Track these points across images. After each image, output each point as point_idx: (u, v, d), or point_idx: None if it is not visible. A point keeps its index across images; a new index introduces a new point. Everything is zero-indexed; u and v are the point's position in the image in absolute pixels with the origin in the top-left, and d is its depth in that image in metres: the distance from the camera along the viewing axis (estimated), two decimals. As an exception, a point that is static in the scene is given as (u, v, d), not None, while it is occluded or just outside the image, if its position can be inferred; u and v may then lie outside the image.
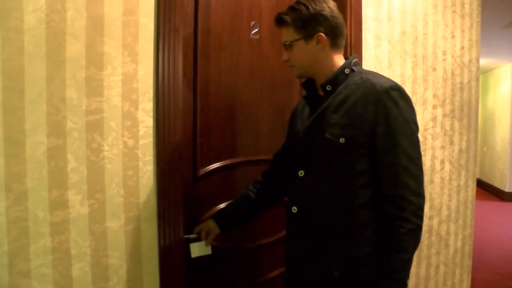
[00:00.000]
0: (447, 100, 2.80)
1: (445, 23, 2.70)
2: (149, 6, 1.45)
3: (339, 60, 1.35)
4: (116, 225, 1.40)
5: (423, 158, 2.63)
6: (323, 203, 1.28)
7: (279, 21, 1.35)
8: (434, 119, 2.72)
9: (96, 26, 1.34)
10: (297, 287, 1.37)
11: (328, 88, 1.33)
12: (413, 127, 1.26)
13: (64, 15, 1.28)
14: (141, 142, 1.45)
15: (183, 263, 1.54)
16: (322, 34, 1.30)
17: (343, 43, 1.38)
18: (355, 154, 1.25)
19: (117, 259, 1.40)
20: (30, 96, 1.22)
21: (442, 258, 2.87)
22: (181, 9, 1.51)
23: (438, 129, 2.76)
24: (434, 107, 2.71)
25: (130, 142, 1.43)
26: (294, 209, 1.34)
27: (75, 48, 1.30)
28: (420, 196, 1.26)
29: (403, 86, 2.46)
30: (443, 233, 2.86)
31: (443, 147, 2.80)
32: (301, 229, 1.33)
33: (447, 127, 2.82)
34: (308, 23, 1.30)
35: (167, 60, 1.46)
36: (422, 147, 2.62)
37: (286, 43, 1.34)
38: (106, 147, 1.37)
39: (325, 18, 1.30)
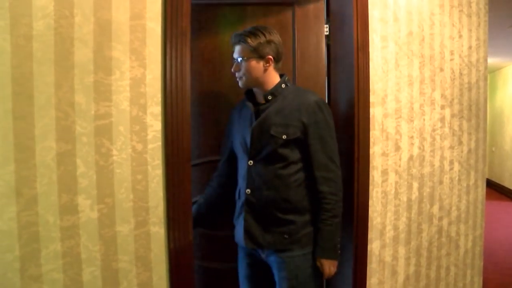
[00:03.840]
0: (455, 100, 2.78)
1: (452, 23, 2.68)
2: (156, 10, 1.45)
3: (276, 78, 1.81)
4: (125, 230, 1.40)
5: (431, 159, 2.62)
6: (270, 183, 1.72)
7: (240, 40, 1.74)
8: (442, 119, 2.70)
9: (103, 31, 1.35)
10: (253, 251, 1.81)
11: (269, 97, 1.78)
12: (333, 129, 1.80)
13: (72, 21, 1.29)
14: (150, 146, 1.45)
15: (193, 266, 1.54)
16: (271, 57, 1.75)
17: (280, 66, 1.84)
18: (292, 147, 1.72)
19: (127, 263, 1.40)
20: (39, 102, 1.23)
21: (453, 260, 2.84)
22: (188, 13, 1.51)
23: (446, 130, 2.74)
24: (442, 107, 2.70)
25: (139, 147, 1.43)
26: (248, 191, 1.76)
27: (83, 53, 1.31)
28: (339, 176, 1.79)
29: (410, 86, 2.45)
30: (453, 234, 2.83)
31: (451, 147, 2.78)
32: (254, 205, 1.75)
33: (456, 127, 2.80)
34: (263, 47, 1.73)
35: (175, 64, 1.47)
36: (430, 148, 2.60)
37: (243, 59, 1.74)
38: (115, 152, 1.37)
39: (275, 45, 1.77)
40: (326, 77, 2.29)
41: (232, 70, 1.79)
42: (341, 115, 2.22)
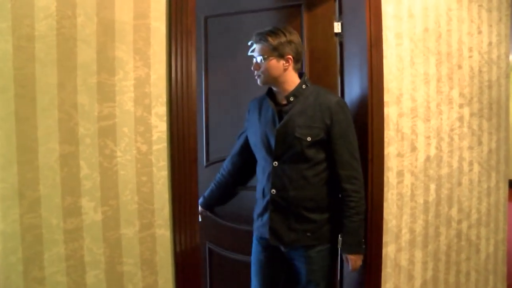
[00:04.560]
0: (475, 99, 2.69)
1: (471, 19, 2.59)
2: (160, 9, 1.43)
3: (296, 78, 1.86)
4: (130, 232, 1.38)
5: (449, 160, 2.54)
6: (295, 184, 1.79)
7: (261, 38, 1.78)
8: (460, 118, 2.61)
9: (107, 31, 1.33)
10: (271, 248, 1.91)
11: (292, 99, 1.83)
12: (353, 127, 1.86)
13: (75, 21, 1.27)
14: (155, 147, 1.43)
15: (199, 270, 1.51)
16: (291, 56, 1.79)
17: (300, 66, 1.88)
18: (317, 147, 1.78)
19: (132, 266, 1.38)
20: (42, 104, 1.22)
21: (473, 265, 2.74)
22: (193, 11, 1.49)
23: (465, 129, 2.65)
24: (461, 106, 2.61)
25: (144, 148, 1.41)
26: (273, 191, 1.83)
27: (86, 54, 1.29)
28: (361, 174, 1.85)
29: (426, 85, 2.38)
30: (473, 237, 2.74)
31: (471, 147, 2.69)
32: (280, 204, 1.82)
33: (475, 127, 2.71)
34: (284, 47, 1.77)
35: (180, 64, 1.44)
36: (448, 148, 2.53)
37: (263, 57, 1.78)
38: (119, 153, 1.36)
39: (295, 46, 1.80)
40: (339, 76, 2.24)
41: (252, 68, 1.83)
42: (355, 115, 2.16)
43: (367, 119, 2.08)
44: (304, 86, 1.84)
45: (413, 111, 2.31)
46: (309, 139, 1.76)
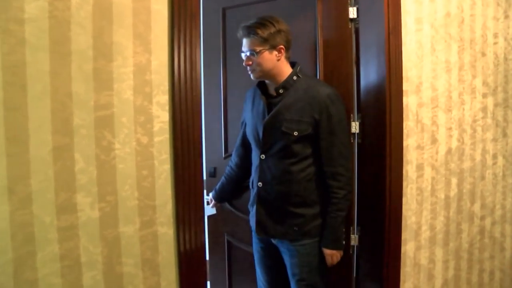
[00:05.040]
0: (499, 88, 2.53)
1: (497, 2, 2.43)
2: (161, -10, 1.32)
3: (288, 68, 1.79)
4: (130, 230, 1.29)
5: (472, 152, 2.40)
6: (281, 178, 1.76)
7: (250, 32, 1.70)
8: (484, 109, 2.46)
9: (104, 14, 1.23)
10: (265, 239, 1.91)
11: (281, 91, 1.77)
12: (345, 122, 1.80)
13: (69, 3, 1.17)
14: (156, 139, 1.33)
15: (205, 270, 1.41)
16: (283, 46, 1.73)
17: (290, 55, 1.80)
18: (304, 142, 1.72)
19: (132, 267, 1.29)
20: (33, 92, 1.13)
21: (497, 263, 2.60)
22: (198, -7, 1.38)
23: (489, 120, 2.50)
24: (484, 95, 2.46)
25: (144, 139, 1.31)
26: (260, 184, 1.81)
27: (81, 39, 1.20)
28: (349, 170, 1.79)
29: (448, 73, 2.24)
30: (497, 235, 2.59)
31: (495, 139, 2.53)
32: (266, 198, 1.81)
33: (500, 118, 2.55)
34: (274, 37, 1.70)
35: (184, 49, 1.34)
36: (470, 140, 2.38)
37: (255, 51, 1.70)
38: (117, 145, 1.26)
39: (285, 34, 1.73)
40: (355, 64, 2.11)
41: (244, 64, 1.76)
42: (372, 105, 2.04)
43: (385, 109, 1.96)
44: (295, 78, 1.77)
45: (433, 101, 2.17)
46: (296, 133, 1.71)
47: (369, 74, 2.05)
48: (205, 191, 2.06)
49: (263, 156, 1.80)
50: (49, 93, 1.15)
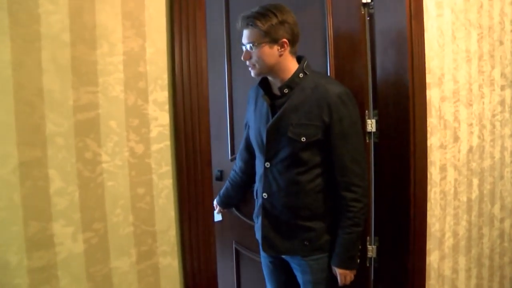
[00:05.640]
0: (518, 79, 2.34)
1: (516, -15, 2.23)
2: (157, -42, 1.04)
3: (293, 64, 1.55)
4: (124, 265, 1.01)
5: (492, 150, 2.19)
6: (288, 189, 1.56)
7: (248, 23, 1.49)
8: (502, 102, 2.27)
9: (83, -14, 0.94)
10: (274, 257, 1.71)
11: (286, 90, 1.54)
12: (359, 124, 1.56)
13: (36, -30, 0.88)
14: (155, 147, 1.05)
15: (217, 306, 1.15)
16: (286, 40, 1.50)
17: (297, 49, 1.57)
18: (313, 149, 1.52)
19: (128, 312, 1.01)
20: (-10, 89, 0.83)
21: (519, 269, 2.42)
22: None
23: (507, 115, 2.31)
24: (502, 88, 2.26)
25: (139, 148, 1.03)
26: (265, 195, 1.62)
27: (54, 19, 0.91)
28: (365, 180, 1.56)
29: (468, 63, 2.02)
30: (517, 238, 2.40)
31: (515, 135, 2.34)
32: (271, 211, 1.61)
33: (519, 112, 2.36)
34: (276, 30, 1.47)
35: (186, 33, 1.06)
36: (490, 136, 2.18)
37: (254, 45, 1.49)
38: (105, 157, 0.98)
39: (289, 26, 1.50)
40: (370, 55, 1.86)
41: (243, 58, 1.55)
42: (391, 100, 1.80)
43: (407, 104, 1.73)
44: (301, 75, 1.54)
45: (455, 94, 1.96)
46: (303, 139, 1.50)
47: (387, 65, 1.82)
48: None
49: (267, 164, 1.60)
50: (11, 90, 0.86)
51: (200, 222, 1.07)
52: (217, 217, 2.06)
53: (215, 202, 2.02)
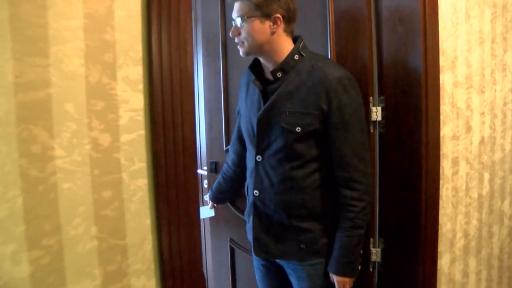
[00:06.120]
0: (530, 65, 2.16)
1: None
2: None
3: (288, 44, 1.38)
4: (86, 289, 0.78)
5: (502, 141, 2.01)
6: (281, 185, 1.39)
7: None
8: (513, 89, 2.09)
9: None
10: (267, 260, 1.56)
11: (279, 74, 1.37)
12: (362, 113, 1.37)
13: None
14: (125, 138, 0.83)
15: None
16: (280, 15, 1.32)
17: (294, 28, 1.39)
18: (309, 141, 1.35)
19: None
20: None
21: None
22: None
23: (518, 103, 2.13)
24: (514, 74, 2.08)
25: (105, 140, 0.80)
26: (256, 192, 1.45)
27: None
28: (369, 175, 1.38)
29: (481, 46, 1.83)
30: (527, 236, 2.25)
31: (526, 125, 2.17)
32: (263, 210, 1.45)
33: (531, 100, 2.18)
34: (269, 3, 1.30)
35: (165, -8, 0.83)
36: (501, 127, 2.01)
37: (243, 18, 1.33)
38: (59, 151, 0.75)
39: (285, 1, 1.33)
40: (375, 34, 1.65)
41: (231, 34, 1.40)
42: (399, 85, 1.60)
43: (419, 89, 1.52)
44: (296, 57, 1.37)
45: (468, 80, 1.77)
46: (299, 129, 1.33)
47: (395, 46, 1.61)
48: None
49: (259, 158, 1.43)
50: None
51: (182, 232, 0.85)
52: (210, 212, 1.94)
53: (207, 197, 1.91)
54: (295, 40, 1.41)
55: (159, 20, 0.82)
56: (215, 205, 1.89)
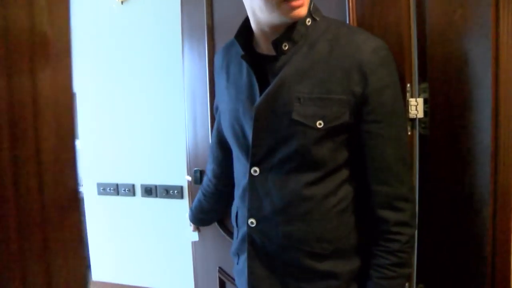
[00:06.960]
0: None
1: None
2: None
3: None
4: None
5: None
6: (292, 210, 1.02)
7: None
8: None
9: None
10: None
11: (285, 46, 0.99)
12: (402, 101, 1.03)
13: None
14: None
15: None
16: None
17: None
18: (335, 141, 0.99)
19: None
20: None
21: None
22: None
23: None
24: None
25: None
26: (252, 221, 1.06)
27: None
28: (414, 190, 1.13)
29: None
30: None
31: None
32: (264, 246, 1.06)
33: None
34: None
35: None
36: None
37: None
38: None
39: None
40: (415, 9, 1.17)
41: None
42: (451, 68, 1.13)
43: (485, 76, 1.04)
44: (309, 21, 1.00)
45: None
46: (320, 124, 0.96)
47: (446, 7, 1.12)
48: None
49: (255, 171, 1.04)
50: None
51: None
52: (193, 236, 1.70)
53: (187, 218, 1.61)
54: None
55: None
56: (197, 228, 1.59)
